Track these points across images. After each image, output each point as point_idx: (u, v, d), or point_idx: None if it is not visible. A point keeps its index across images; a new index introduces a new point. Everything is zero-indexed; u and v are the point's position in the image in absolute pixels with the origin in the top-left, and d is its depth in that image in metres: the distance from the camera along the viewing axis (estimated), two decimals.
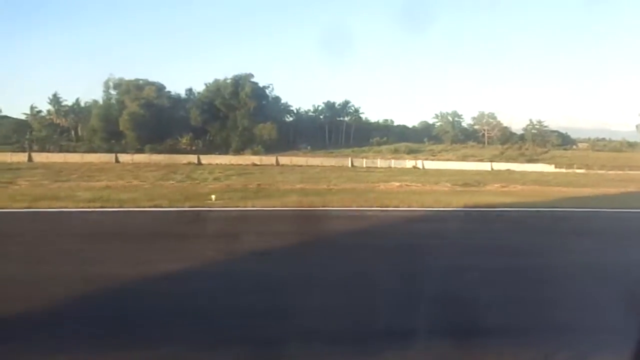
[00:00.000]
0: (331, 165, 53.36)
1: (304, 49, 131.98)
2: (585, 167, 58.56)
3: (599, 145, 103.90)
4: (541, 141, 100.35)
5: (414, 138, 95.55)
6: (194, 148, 73.26)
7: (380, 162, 56.78)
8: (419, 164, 57.25)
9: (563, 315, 4.86)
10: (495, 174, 42.66)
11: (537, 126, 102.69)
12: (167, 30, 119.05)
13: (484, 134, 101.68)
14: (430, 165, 57.25)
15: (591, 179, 39.66)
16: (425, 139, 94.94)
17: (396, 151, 74.84)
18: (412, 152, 76.99)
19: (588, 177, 43.93)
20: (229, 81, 74.94)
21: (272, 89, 79.94)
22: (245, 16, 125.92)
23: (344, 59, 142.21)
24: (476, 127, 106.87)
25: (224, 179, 31.58)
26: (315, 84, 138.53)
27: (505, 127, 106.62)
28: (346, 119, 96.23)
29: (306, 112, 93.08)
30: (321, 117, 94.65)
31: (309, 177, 33.06)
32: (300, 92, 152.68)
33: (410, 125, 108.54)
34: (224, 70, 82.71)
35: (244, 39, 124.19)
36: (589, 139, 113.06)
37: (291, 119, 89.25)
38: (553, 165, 59.43)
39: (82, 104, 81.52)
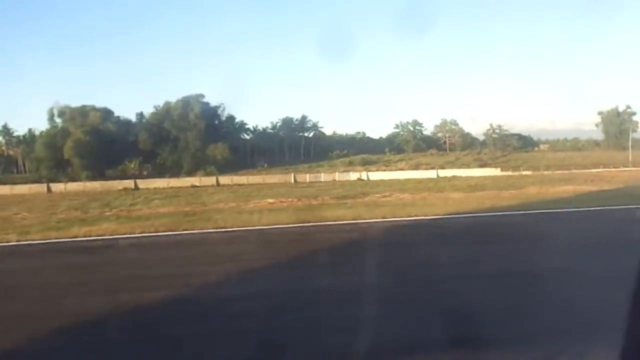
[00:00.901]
0: (273, 182, 52.53)
1: (265, 64, 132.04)
2: (532, 169, 58.53)
3: (559, 146, 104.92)
4: (502, 145, 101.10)
5: (378, 149, 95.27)
6: (144, 172, 72.05)
7: (324, 176, 56.08)
8: (364, 175, 56.70)
9: None
10: (423, 182, 42.25)
11: (498, 131, 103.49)
12: (119, 54, 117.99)
13: (445, 142, 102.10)
14: (377, 176, 56.77)
15: (524, 181, 39.29)
16: (387, 150, 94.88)
17: (351, 164, 74.36)
18: (367, 164, 76.54)
19: (524, 179, 43.55)
20: (178, 103, 74.05)
21: (224, 108, 79.35)
22: (200, 37, 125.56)
23: (311, 73, 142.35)
24: (439, 134, 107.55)
25: (142, 204, 30.56)
26: (278, 101, 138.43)
27: (468, 134, 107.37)
28: (307, 134, 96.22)
29: (264, 129, 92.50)
30: (280, 133, 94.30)
31: (228, 197, 32.12)
32: (261, 109, 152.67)
33: (376, 137, 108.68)
34: (177, 92, 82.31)
35: (199, 61, 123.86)
36: (558, 140, 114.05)
37: (248, 137, 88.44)
38: (499, 169, 59.38)
39: (37, 134, 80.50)
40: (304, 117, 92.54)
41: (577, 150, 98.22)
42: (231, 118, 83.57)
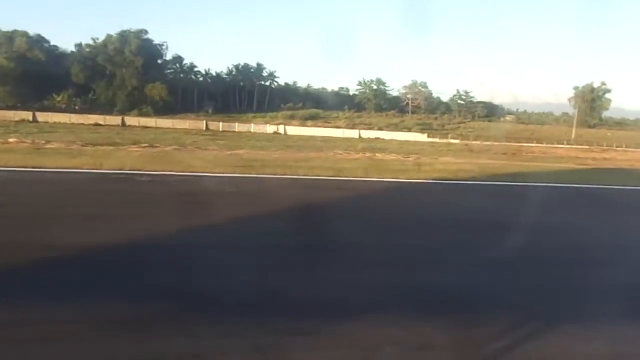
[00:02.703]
0: (183, 129, 50.79)
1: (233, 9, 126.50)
2: (460, 138, 56.34)
3: (523, 118, 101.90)
4: (466, 112, 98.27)
5: (341, 106, 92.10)
6: (76, 107, 69.67)
7: (238, 127, 54.14)
8: (281, 129, 54.87)
9: None
10: (329, 140, 40.94)
11: (464, 97, 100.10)
12: None
13: (408, 103, 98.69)
14: (295, 131, 54.94)
15: (409, 148, 37.53)
16: (346, 107, 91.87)
17: (291, 117, 71.98)
18: (311, 119, 74.26)
19: (415, 146, 41.74)
20: (115, 37, 70.48)
21: (167, 47, 75.62)
22: None
23: (291, 21, 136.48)
24: (409, 96, 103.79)
25: None
26: (245, 49, 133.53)
27: (436, 97, 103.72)
28: (264, 83, 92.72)
29: (218, 74, 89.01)
30: (241, 80, 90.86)
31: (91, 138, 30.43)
32: (223, 55, 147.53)
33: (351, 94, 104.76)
34: (125, 27, 76.22)
35: None
36: (524, 111, 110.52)
37: (196, 80, 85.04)
38: (426, 135, 57.27)
39: None
40: (259, 65, 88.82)
41: (540, 124, 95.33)
42: (178, 59, 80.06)
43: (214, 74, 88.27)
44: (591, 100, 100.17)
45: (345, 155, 20.72)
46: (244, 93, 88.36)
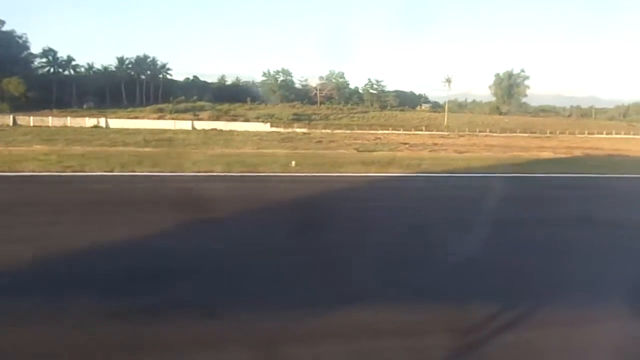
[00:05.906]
0: None
1: None
2: (308, 127, 52.15)
3: (437, 107, 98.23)
4: (377, 101, 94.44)
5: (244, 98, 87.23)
6: None
7: (52, 121, 49.57)
8: (102, 122, 50.39)
9: None
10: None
11: (376, 86, 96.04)
12: None
13: (316, 94, 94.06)
14: (119, 123, 50.43)
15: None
16: (248, 99, 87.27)
17: (160, 110, 67.27)
18: (185, 112, 69.67)
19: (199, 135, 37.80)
20: None
21: (27, 39, 70.19)
22: None
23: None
24: (327, 86, 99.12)
25: None
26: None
27: (350, 88, 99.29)
28: (161, 76, 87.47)
29: (106, 67, 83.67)
30: (133, 73, 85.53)
31: None
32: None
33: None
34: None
35: None
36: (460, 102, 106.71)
37: (78, 74, 79.74)
38: (269, 124, 53.08)
39: None
40: (146, 57, 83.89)
41: (454, 112, 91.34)
42: (50, 52, 74.71)
43: (99, 67, 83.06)
44: (508, 87, 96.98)
45: None
46: (135, 87, 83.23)
